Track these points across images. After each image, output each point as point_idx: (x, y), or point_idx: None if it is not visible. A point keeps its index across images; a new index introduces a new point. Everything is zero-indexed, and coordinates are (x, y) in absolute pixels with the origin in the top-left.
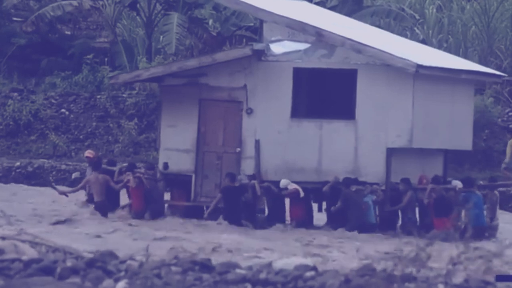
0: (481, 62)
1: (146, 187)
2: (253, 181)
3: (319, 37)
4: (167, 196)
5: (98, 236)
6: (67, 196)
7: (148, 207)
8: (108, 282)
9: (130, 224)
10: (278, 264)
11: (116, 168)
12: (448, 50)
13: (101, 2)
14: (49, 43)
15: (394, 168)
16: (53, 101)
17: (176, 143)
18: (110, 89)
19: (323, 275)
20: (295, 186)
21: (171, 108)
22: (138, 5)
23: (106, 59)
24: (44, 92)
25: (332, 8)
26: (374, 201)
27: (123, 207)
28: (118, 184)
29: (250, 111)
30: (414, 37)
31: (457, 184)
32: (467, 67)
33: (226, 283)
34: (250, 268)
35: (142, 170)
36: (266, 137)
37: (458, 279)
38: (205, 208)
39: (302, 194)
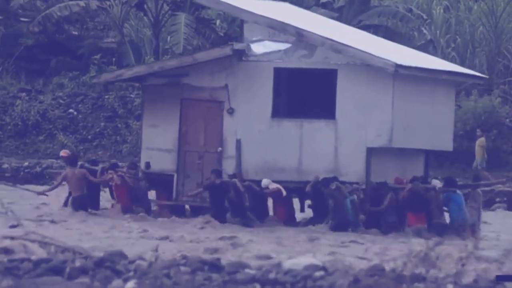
0: (488, 62)
1: (130, 185)
2: (233, 180)
3: (299, 37)
4: (152, 195)
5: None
6: (46, 195)
7: (134, 205)
8: (117, 282)
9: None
10: (287, 264)
11: (98, 168)
12: (455, 50)
13: (108, 3)
14: (56, 43)
15: (375, 167)
16: (61, 101)
17: (158, 143)
18: (118, 89)
19: (333, 275)
20: (276, 185)
21: (153, 108)
22: (145, 6)
23: (113, 59)
24: (52, 92)
25: (339, 9)
26: (352, 200)
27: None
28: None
29: (231, 111)
30: (421, 37)
31: (437, 183)
32: (448, 68)
33: (235, 283)
34: (259, 268)
35: (124, 169)
36: (247, 136)
37: (467, 279)
38: (188, 207)
39: (284, 193)
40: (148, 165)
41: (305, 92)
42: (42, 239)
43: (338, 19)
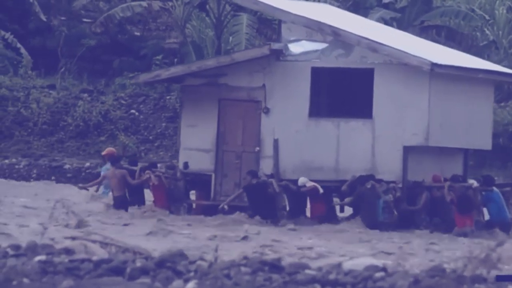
0: None
1: (167, 186)
2: (270, 179)
3: (335, 36)
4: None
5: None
6: (87, 190)
7: (171, 205)
8: (177, 282)
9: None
10: (348, 264)
11: (137, 168)
12: None
13: (170, 3)
14: (118, 44)
15: (412, 166)
16: (122, 102)
17: (196, 143)
18: (179, 90)
19: (393, 276)
20: (313, 183)
21: (191, 108)
22: (207, 6)
23: (175, 59)
24: (114, 93)
25: (402, 9)
26: (386, 201)
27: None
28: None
29: (266, 111)
30: (484, 38)
31: (473, 183)
32: (485, 67)
33: (296, 284)
34: (319, 268)
35: (163, 170)
36: (285, 136)
37: None
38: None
39: (321, 191)
40: (186, 165)
41: (342, 92)
42: (103, 240)
43: (400, 19)
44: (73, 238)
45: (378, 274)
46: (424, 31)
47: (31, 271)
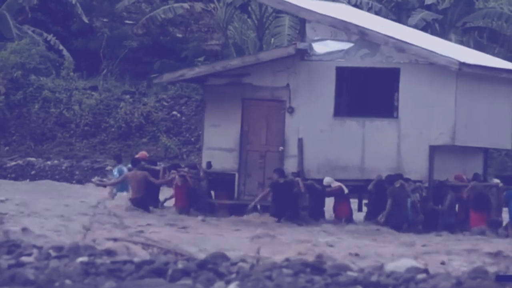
0: None
1: (190, 185)
2: (297, 178)
3: (362, 36)
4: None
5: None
6: (105, 187)
7: (193, 205)
8: (219, 284)
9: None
10: (390, 266)
11: (159, 167)
12: None
13: (212, 5)
14: (160, 45)
15: (437, 165)
16: (164, 103)
17: (219, 142)
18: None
19: (435, 277)
20: (338, 183)
21: (214, 108)
22: (249, 8)
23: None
24: (155, 95)
25: (444, 11)
26: (413, 201)
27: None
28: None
29: (291, 110)
30: None
31: (498, 182)
32: (507, 67)
33: (338, 285)
34: (361, 270)
35: (186, 169)
36: (309, 135)
37: None
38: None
39: (346, 191)
40: (209, 164)
41: (367, 91)
42: (145, 241)
43: (442, 21)
44: (115, 240)
45: (420, 276)
46: (466, 33)
47: (73, 273)
